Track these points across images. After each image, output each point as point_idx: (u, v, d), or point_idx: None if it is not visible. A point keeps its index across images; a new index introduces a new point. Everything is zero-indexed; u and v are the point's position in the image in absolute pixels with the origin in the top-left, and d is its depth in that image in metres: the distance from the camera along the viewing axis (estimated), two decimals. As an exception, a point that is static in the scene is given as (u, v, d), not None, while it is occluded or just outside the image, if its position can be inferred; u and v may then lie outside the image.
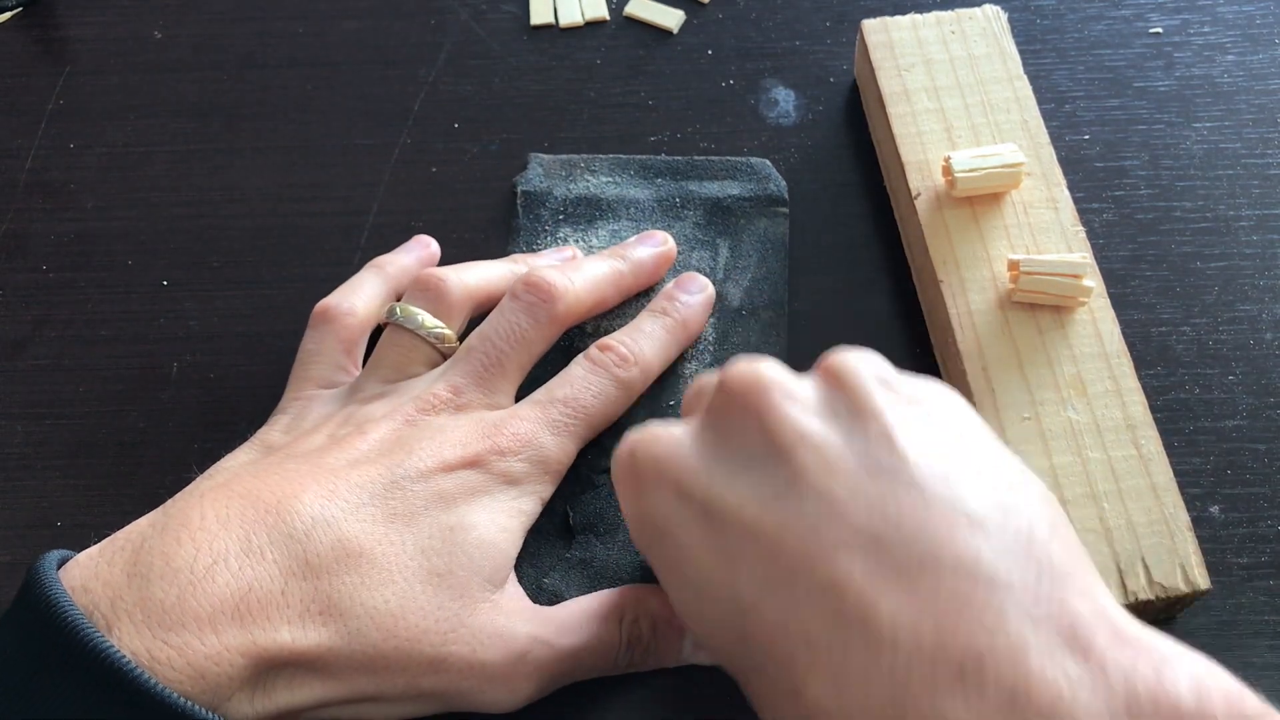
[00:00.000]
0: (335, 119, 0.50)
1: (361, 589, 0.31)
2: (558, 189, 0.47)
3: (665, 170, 0.47)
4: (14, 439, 0.43)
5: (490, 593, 0.34)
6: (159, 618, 0.28)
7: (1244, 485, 0.40)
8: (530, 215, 0.46)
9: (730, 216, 0.46)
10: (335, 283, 0.46)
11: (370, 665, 0.31)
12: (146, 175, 0.49)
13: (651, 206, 0.46)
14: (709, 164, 0.47)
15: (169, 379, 0.44)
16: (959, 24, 0.47)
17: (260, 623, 0.29)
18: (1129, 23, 0.51)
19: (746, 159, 0.47)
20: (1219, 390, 0.42)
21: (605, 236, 0.45)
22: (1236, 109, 0.48)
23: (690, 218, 0.46)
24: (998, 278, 0.41)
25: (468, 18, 0.53)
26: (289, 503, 0.32)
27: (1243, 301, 0.44)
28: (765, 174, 0.47)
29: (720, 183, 0.46)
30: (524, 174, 0.48)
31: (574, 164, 0.48)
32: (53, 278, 0.47)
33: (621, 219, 0.46)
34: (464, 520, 0.34)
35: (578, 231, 0.46)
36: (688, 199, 0.46)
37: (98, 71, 0.52)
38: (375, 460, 0.34)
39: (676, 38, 0.52)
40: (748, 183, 0.46)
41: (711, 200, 0.46)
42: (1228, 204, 0.46)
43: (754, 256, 0.45)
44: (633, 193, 0.46)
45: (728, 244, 0.45)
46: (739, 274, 0.44)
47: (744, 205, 0.46)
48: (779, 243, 0.45)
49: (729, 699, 0.31)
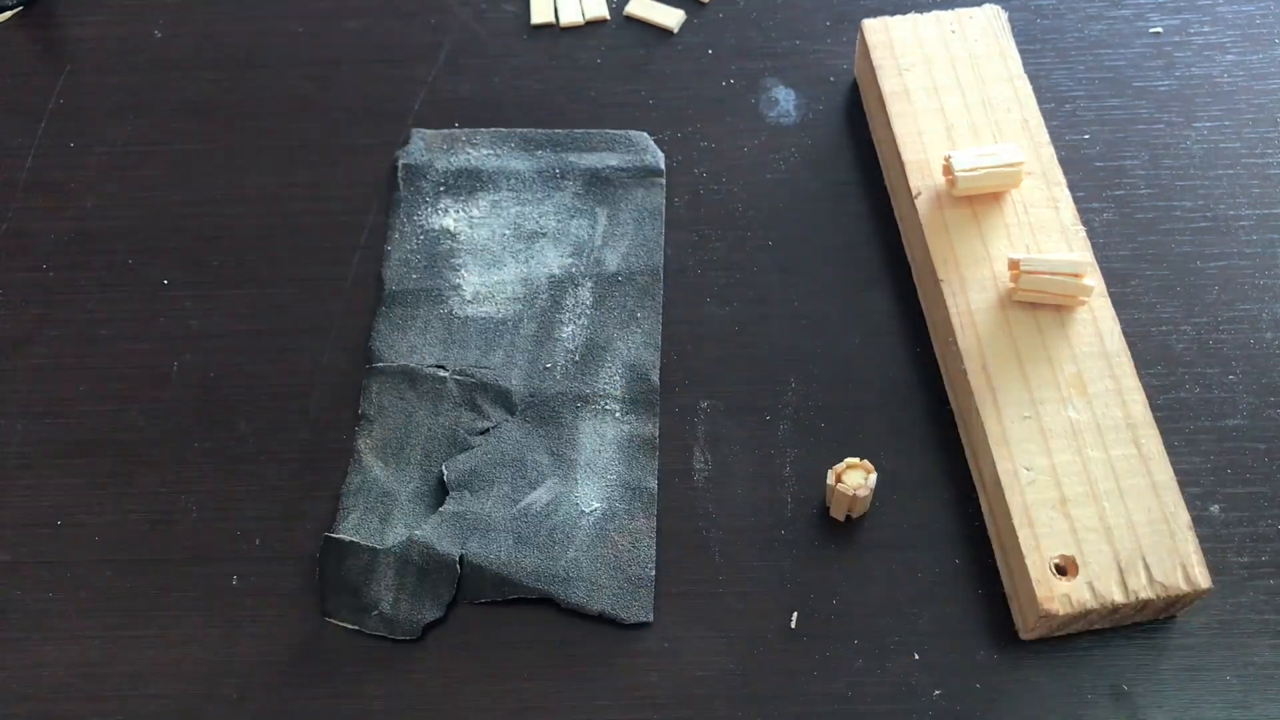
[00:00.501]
0: (335, 119, 0.50)
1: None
2: (439, 161, 0.48)
3: (545, 142, 0.48)
4: (14, 438, 0.43)
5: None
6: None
7: (1244, 484, 0.40)
8: (411, 187, 0.47)
9: (609, 186, 0.47)
10: (335, 282, 0.46)
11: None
12: (146, 175, 0.49)
13: (532, 177, 0.47)
14: (588, 136, 0.48)
15: (169, 379, 0.44)
16: (959, 23, 0.47)
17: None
18: (1129, 23, 0.51)
19: (625, 132, 0.48)
20: (1219, 389, 0.42)
21: (485, 207, 0.47)
22: (1236, 109, 0.48)
23: (569, 188, 0.47)
24: (998, 277, 0.41)
25: (468, 17, 0.53)
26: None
27: (1243, 301, 0.44)
28: (643, 146, 0.48)
29: (599, 154, 0.48)
30: (405, 147, 0.48)
31: (455, 137, 0.49)
32: (53, 277, 0.47)
33: (502, 189, 0.47)
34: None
35: (458, 202, 0.47)
36: (567, 170, 0.47)
37: (98, 71, 0.52)
38: None
39: (677, 37, 0.52)
40: (626, 154, 0.48)
41: (590, 171, 0.47)
42: (1228, 203, 0.46)
43: (631, 224, 0.46)
44: (513, 164, 0.48)
45: (606, 212, 0.46)
46: (616, 240, 0.46)
47: (622, 176, 0.47)
48: (655, 211, 0.47)
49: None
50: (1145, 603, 0.36)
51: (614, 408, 0.42)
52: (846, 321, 0.44)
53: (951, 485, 0.41)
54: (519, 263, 0.45)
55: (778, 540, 0.40)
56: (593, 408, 0.42)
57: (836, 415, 0.42)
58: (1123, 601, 0.36)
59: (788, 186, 0.48)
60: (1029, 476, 0.38)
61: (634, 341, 0.43)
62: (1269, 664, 0.37)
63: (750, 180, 0.48)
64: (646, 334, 0.44)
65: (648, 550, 0.39)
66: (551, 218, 0.46)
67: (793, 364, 0.44)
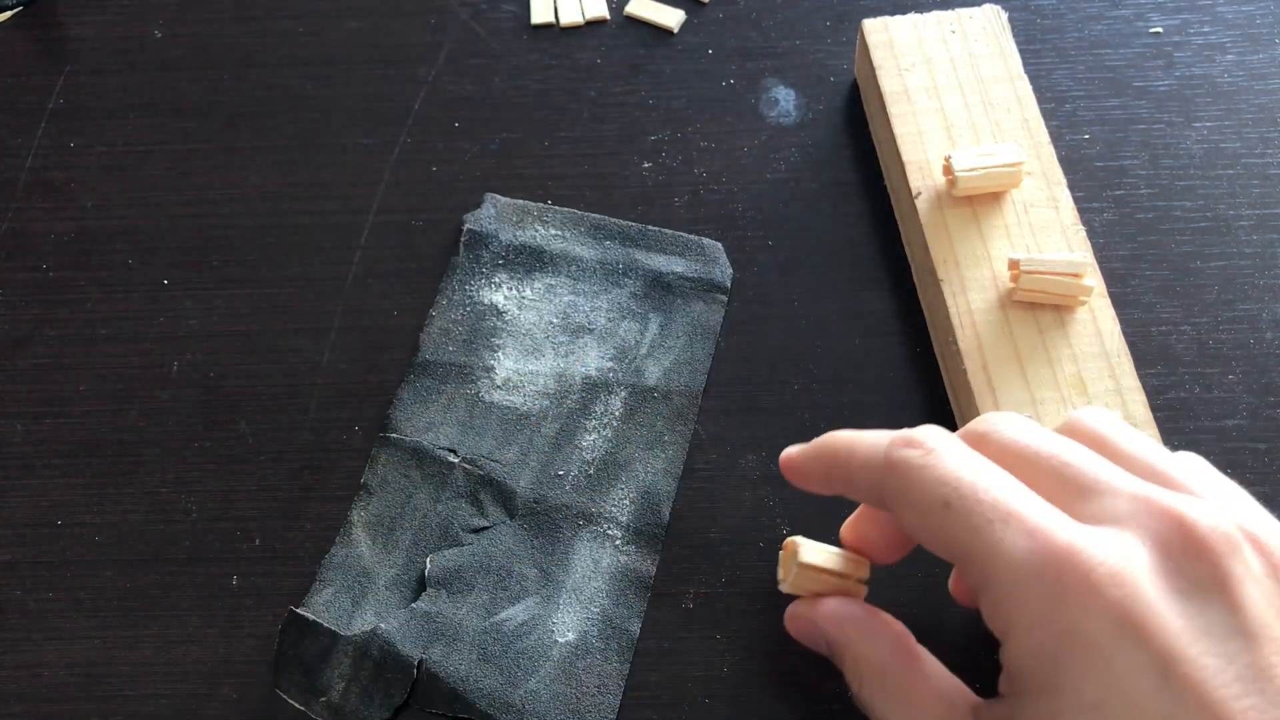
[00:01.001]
0: (335, 119, 0.50)
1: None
2: (504, 233, 0.46)
3: (616, 234, 0.46)
4: (14, 438, 0.43)
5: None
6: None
7: (1245, 485, 0.40)
8: (471, 255, 0.46)
9: (668, 293, 0.45)
10: (335, 282, 0.46)
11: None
12: (146, 175, 0.49)
13: (594, 267, 0.45)
14: (661, 236, 0.46)
15: (169, 379, 0.44)
16: (959, 23, 0.47)
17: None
18: (1129, 22, 0.51)
19: (700, 239, 0.46)
20: (1219, 390, 0.42)
21: (540, 289, 0.45)
22: (1237, 108, 0.48)
23: (629, 286, 0.45)
24: (998, 277, 0.41)
25: (468, 17, 0.53)
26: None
27: (1243, 301, 0.44)
28: (714, 257, 0.46)
29: (668, 256, 0.46)
30: (475, 212, 0.47)
31: (527, 210, 0.47)
32: (53, 277, 0.47)
33: (561, 274, 0.45)
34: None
35: (514, 279, 0.45)
36: (631, 267, 0.45)
37: (98, 71, 0.52)
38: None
39: (677, 37, 0.52)
40: (695, 262, 0.45)
41: (654, 273, 0.45)
42: (1228, 203, 0.46)
43: (682, 338, 0.44)
44: (578, 250, 0.46)
45: (659, 320, 0.44)
46: (662, 353, 0.43)
47: (685, 285, 0.45)
48: (710, 330, 0.44)
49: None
50: (1145, 603, 0.36)
51: (616, 534, 0.40)
52: (846, 321, 0.44)
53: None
54: (558, 355, 0.43)
55: (778, 540, 0.40)
56: (594, 529, 0.40)
57: (836, 415, 0.42)
58: (1123, 602, 0.36)
59: (788, 186, 0.48)
60: (1029, 476, 0.38)
61: (655, 467, 0.41)
62: (1269, 664, 0.37)
63: (750, 180, 0.48)
64: (669, 461, 0.41)
65: (613, 700, 0.37)
66: (603, 314, 0.44)
67: (793, 364, 0.44)
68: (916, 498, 0.30)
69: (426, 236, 0.47)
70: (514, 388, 0.43)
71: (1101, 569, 0.26)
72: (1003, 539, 0.27)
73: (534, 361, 0.43)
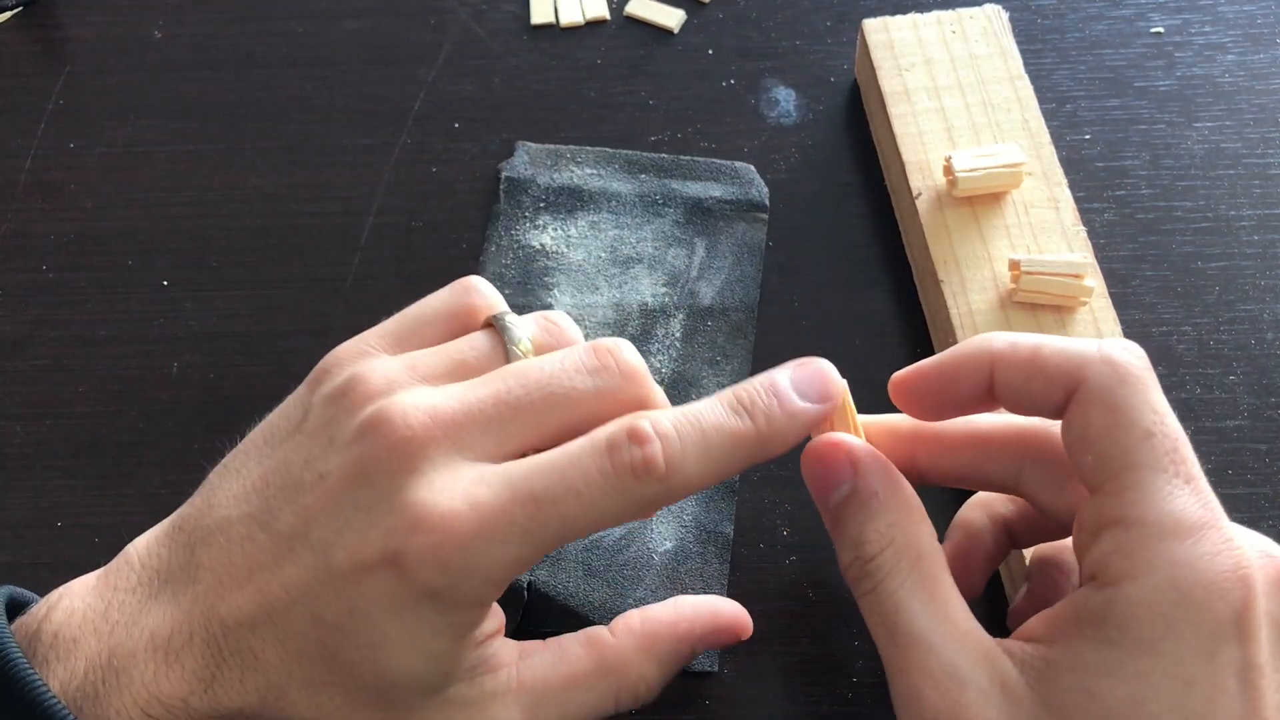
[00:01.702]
0: (335, 119, 0.50)
1: (288, 707, 0.29)
2: (541, 177, 0.47)
3: (650, 166, 0.47)
4: (14, 439, 0.43)
5: (437, 696, 0.30)
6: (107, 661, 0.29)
7: (1245, 485, 0.40)
8: (512, 201, 0.47)
9: (710, 217, 0.46)
10: (335, 282, 0.46)
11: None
12: (146, 175, 0.49)
13: (633, 201, 0.46)
14: (694, 164, 0.47)
15: (169, 379, 0.44)
16: (960, 23, 0.47)
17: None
18: (1130, 23, 0.51)
19: (732, 163, 0.47)
20: (1220, 390, 0.42)
21: (584, 227, 0.46)
22: (1237, 109, 0.48)
23: (670, 215, 0.46)
24: (999, 277, 0.41)
25: (468, 18, 0.53)
26: (224, 606, 0.30)
27: (1244, 301, 0.44)
28: (749, 179, 0.47)
29: (703, 183, 0.47)
30: (510, 160, 0.48)
31: (560, 154, 0.48)
32: (52, 278, 0.47)
33: (602, 210, 0.46)
34: (387, 639, 0.29)
35: (557, 220, 0.46)
36: (669, 196, 0.46)
37: (98, 71, 0.52)
38: (300, 549, 0.29)
39: (677, 37, 0.52)
40: (730, 186, 0.47)
41: (693, 200, 0.46)
42: (1228, 204, 0.46)
43: (729, 258, 0.45)
44: (615, 186, 0.47)
45: (704, 243, 0.45)
46: (713, 274, 0.45)
47: (724, 207, 0.46)
48: (755, 247, 0.45)
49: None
50: (1146, 604, 0.36)
51: None
52: (846, 321, 0.44)
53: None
54: (613, 287, 0.44)
55: (779, 542, 0.40)
56: None
57: (837, 416, 0.42)
58: (1123, 603, 0.36)
59: (788, 187, 0.48)
60: (1029, 477, 0.38)
61: (723, 379, 0.42)
62: (1270, 665, 0.37)
63: (750, 180, 0.48)
64: (735, 372, 0.42)
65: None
66: (649, 244, 0.45)
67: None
68: (1132, 408, 0.28)
69: (426, 236, 0.47)
70: (576, 322, 0.42)
71: (1248, 568, 0.27)
72: (1175, 494, 0.27)
73: (590, 295, 0.44)
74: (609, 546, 0.39)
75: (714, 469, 0.30)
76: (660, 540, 0.39)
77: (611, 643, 0.33)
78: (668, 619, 0.33)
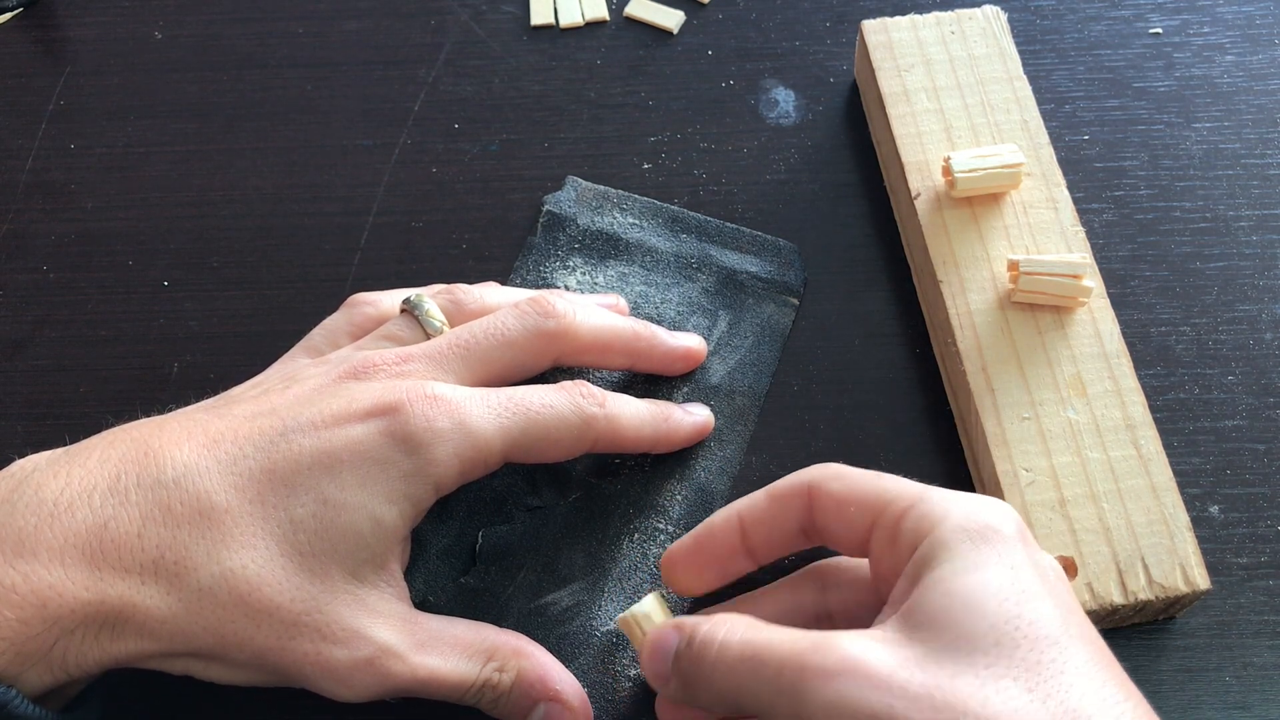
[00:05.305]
0: (335, 119, 0.50)
1: (220, 546, 0.31)
2: (582, 217, 0.46)
3: (693, 227, 0.46)
4: (14, 439, 0.43)
5: (355, 586, 0.32)
6: (14, 544, 0.30)
7: (1244, 485, 0.40)
8: (548, 237, 0.46)
9: (740, 292, 0.44)
10: (335, 283, 0.46)
11: (216, 629, 0.31)
12: (146, 175, 0.49)
13: (668, 260, 0.45)
14: (738, 233, 0.46)
15: (169, 379, 0.44)
16: (959, 24, 0.47)
17: (111, 562, 0.30)
18: (1129, 23, 0.51)
19: (776, 239, 0.46)
20: (1218, 390, 0.42)
21: (613, 276, 0.45)
22: (1236, 109, 0.48)
23: (701, 281, 0.45)
24: (997, 278, 0.41)
25: (468, 18, 0.53)
26: (168, 449, 0.32)
27: (1242, 301, 0.44)
28: (790, 259, 0.45)
29: (742, 255, 0.45)
30: (556, 194, 0.47)
31: (606, 196, 0.47)
32: (53, 278, 0.47)
33: (635, 263, 0.45)
34: (341, 497, 0.32)
35: (589, 264, 0.45)
36: (705, 262, 0.45)
37: (98, 71, 0.52)
38: (278, 413, 0.34)
39: (676, 38, 0.52)
40: (768, 263, 0.45)
41: (727, 270, 0.45)
42: (1227, 204, 0.46)
43: (750, 338, 0.43)
44: (653, 240, 0.45)
45: (728, 317, 0.44)
46: (728, 351, 0.43)
47: (758, 284, 0.44)
48: (779, 333, 0.44)
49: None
50: (1144, 604, 0.36)
51: (666, 527, 0.39)
52: (846, 322, 0.45)
53: (951, 486, 0.40)
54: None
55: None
56: (644, 521, 0.39)
57: (836, 415, 0.42)
58: (1121, 603, 0.36)
59: (788, 187, 0.48)
60: (1028, 477, 0.38)
61: (710, 466, 0.41)
62: (1268, 665, 0.37)
63: (750, 181, 0.48)
64: (726, 460, 0.41)
65: (647, 699, 0.36)
66: (673, 307, 0.44)
67: (793, 364, 0.44)
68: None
69: (426, 237, 0.47)
70: (579, 372, 0.42)
71: (1006, 509, 0.32)
72: (950, 507, 0.31)
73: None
74: (553, 615, 0.38)
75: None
76: (605, 619, 0.38)
77: (499, 636, 0.35)
78: (547, 658, 0.35)
